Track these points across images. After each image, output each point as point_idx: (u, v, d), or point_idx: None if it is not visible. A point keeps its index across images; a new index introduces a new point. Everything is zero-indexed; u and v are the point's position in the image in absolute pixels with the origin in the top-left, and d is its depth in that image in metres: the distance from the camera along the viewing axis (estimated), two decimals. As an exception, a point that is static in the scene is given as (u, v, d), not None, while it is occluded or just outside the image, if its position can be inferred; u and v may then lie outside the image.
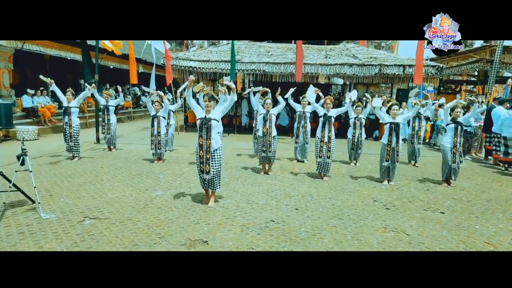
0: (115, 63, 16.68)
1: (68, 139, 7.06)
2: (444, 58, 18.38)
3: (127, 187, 5.39)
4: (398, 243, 3.71)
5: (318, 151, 6.27)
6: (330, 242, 3.67)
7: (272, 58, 12.37)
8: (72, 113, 7.06)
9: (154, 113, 7.26)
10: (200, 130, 4.45)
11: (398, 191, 5.71)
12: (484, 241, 3.86)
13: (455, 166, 6.07)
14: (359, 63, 11.79)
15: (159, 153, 7.26)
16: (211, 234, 3.73)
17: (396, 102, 6.44)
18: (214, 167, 4.52)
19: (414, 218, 4.50)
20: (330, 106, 6.26)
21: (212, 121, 4.40)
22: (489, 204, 5.23)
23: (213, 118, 4.42)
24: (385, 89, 21.44)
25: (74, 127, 7.07)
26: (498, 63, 13.12)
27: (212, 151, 4.48)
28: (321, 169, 6.33)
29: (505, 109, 8.16)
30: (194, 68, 11.93)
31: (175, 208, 4.52)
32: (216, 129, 4.50)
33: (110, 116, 8.37)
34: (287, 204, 4.83)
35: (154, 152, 7.28)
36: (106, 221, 4.03)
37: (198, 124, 4.49)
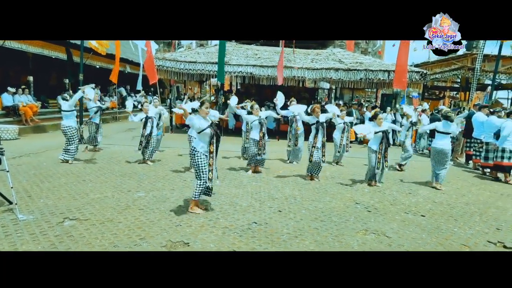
0: (102, 63, 16.46)
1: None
2: (428, 64, 18.81)
3: (109, 188, 5.32)
4: (378, 245, 3.76)
5: (310, 155, 6.36)
6: (312, 243, 3.70)
7: (259, 61, 12.41)
8: (65, 117, 6.92)
9: (144, 116, 7.17)
10: (212, 138, 4.33)
11: (380, 194, 5.79)
12: (461, 243, 3.95)
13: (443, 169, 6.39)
14: (345, 68, 11.94)
15: (150, 154, 7.19)
16: (193, 236, 3.71)
17: (379, 111, 6.62)
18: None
19: (395, 220, 4.57)
20: (319, 113, 6.36)
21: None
22: (467, 208, 5.35)
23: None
24: (371, 94, 21.77)
25: (64, 129, 6.88)
26: (478, 71, 13.49)
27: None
28: (312, 171, 6.44)
29: (485, 115, 8.38)
30: (181, 69, 11.86)
31: (157, 209, 4.48)
32: None
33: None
34: (271, 206, 4.85)
35: (144, 153, 7.19)
36: (86, 222, 3.96)
37: (210, 132, 4.27)
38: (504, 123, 7.37)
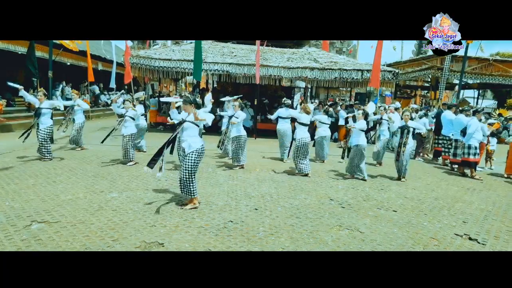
0: (73, 59, 15.92)
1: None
2: (400, 64, 19.39)
3: (81, 189, 5.16)
4: (351, 241, 3.85)
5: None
6: (287, 240, 3.74)
7: (235, 59, 12.38)
8: (43, 114, 6.75)
9: (124, 112, 7.02)
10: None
11: (353, 191, 5.93)
12: (430, 237, 4.10)
13: (402, 165, 6.77)
14: (320, 67, 12.10)
15: (131, 154, 7.04)
16: (167, 236, 3.67)
17: (362, 108, 6.99)
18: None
19: (368, 216, 4.69)
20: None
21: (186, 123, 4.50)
22: (436, 202, 5.57)
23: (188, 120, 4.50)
24: (345, 93, 22.21)
25: (42, 129, 6.75)
26: (447, 71, 14.05)
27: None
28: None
29: (453, 113, 8.74)
30: (156, 67, 11.65)
31: (130, 210, 4.39)
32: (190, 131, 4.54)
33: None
34: (247, 205, 4.85)
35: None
36: (56, 224, 3.83)
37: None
38: (470, 121, 7.71)
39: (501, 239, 4.16)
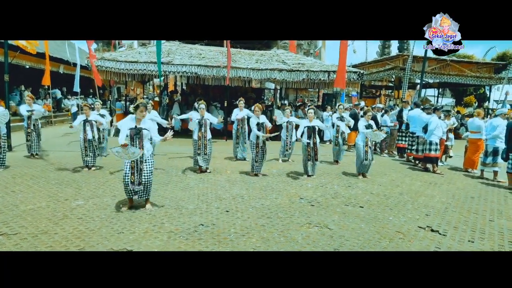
0: (32, 62, 15.14)
1: None
2: (365, 65, 20.03)
3: (44, 198, 4.93)
4: (321, 237, 3.94)
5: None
6: (258, 241, 3.76)
7: (204, 61, 12.29)
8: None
9: (85, 118, 6.76)
10: (132, 140, 4.51)
11: (322, 189, 6.06)
12: (395, 231, 4.27)
13: (367, 163, 6.98)
14: (288, 69, 12.26)
15: (92, 160, 6.82)
16: (136, 243, 3.58)
17: (312, 107, 7.18)
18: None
19: (336, 213, 4.81)
20: (259, 113, 6.79)
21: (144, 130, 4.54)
22: (401, 197, 5.80)
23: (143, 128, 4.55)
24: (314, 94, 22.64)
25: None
26: (409, 71, 14.67)
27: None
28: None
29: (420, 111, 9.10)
30: (121, 70, 11.35)
31: (97, 217, 4.25)
32: (147, 137, 4.62)
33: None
34: (218, 207, 4.84)
35: (89, 159, 6.79)
36: (15, 236, 3.64)
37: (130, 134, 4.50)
38: (430, 118, 8.09)
39: (460, 229, 4.40)
